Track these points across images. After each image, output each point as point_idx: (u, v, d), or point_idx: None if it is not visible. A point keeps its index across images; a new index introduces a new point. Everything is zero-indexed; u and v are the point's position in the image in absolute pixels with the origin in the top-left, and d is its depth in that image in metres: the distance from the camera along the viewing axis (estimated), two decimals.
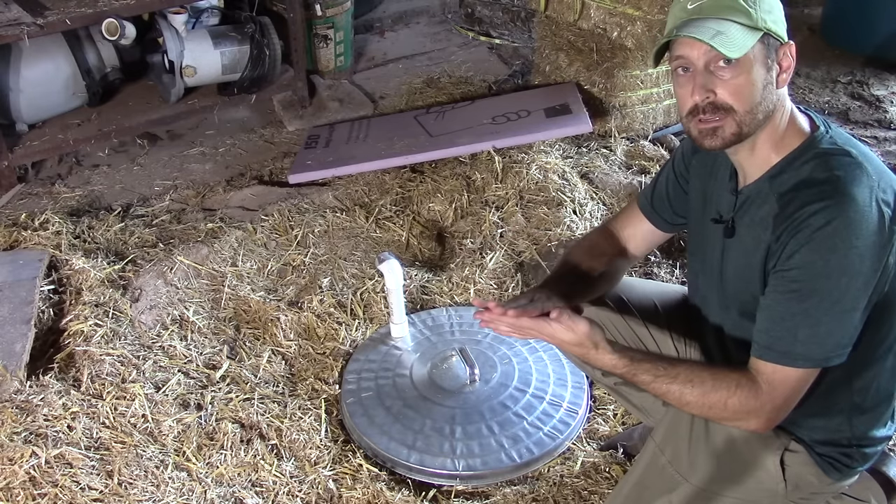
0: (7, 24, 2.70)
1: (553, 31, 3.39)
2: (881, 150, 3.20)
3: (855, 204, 1.20)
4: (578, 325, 1.31)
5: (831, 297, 1.21)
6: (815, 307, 1.22)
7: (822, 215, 1.20)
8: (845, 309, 1.22)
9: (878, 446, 1.43)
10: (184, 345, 2.22)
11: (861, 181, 1.22)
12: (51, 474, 1.80)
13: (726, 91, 1.26)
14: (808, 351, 1.24)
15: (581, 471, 1.88)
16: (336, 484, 1.85)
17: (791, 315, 1.24)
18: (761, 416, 1.28)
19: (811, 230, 1.21)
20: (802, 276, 1.22)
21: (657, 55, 1.34)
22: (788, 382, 1.26)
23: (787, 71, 1.30)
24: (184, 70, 3.16)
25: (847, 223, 1.19)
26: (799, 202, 1.23)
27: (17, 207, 2.88)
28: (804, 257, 1.22)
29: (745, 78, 1.25)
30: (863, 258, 1.20)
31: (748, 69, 1.25)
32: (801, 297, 1.23)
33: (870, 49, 3.85)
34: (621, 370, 1.34)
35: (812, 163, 1.27)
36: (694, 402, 1.30)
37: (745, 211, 1.36)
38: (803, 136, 1.31)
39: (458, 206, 2.77)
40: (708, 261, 1.48)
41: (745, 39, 1.23)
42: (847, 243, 1.19)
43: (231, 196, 2.92)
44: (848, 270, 1.20)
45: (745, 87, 1.25)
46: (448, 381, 2.09)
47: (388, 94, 3.69)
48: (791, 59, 1.30)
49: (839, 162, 1.25)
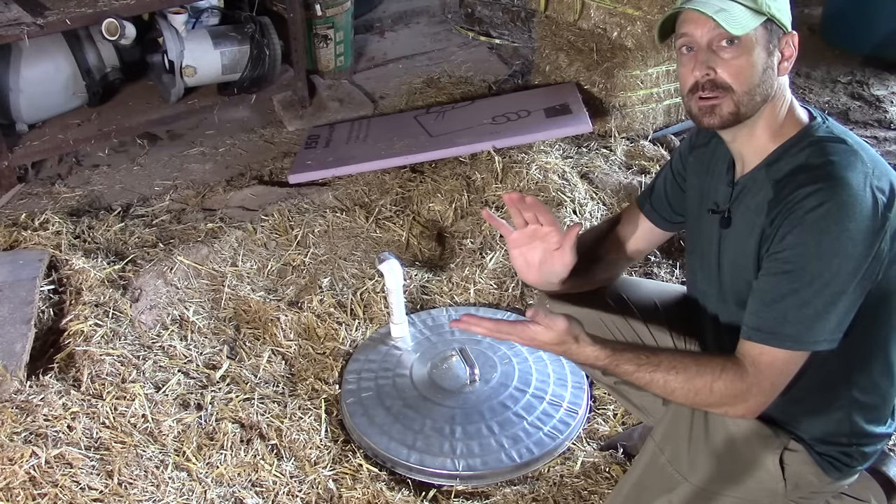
0: (7, 24, 2.71)
1: (553, 31, 3.40)
2: (881, 150, 3.20)
3: (849, 188, 1.21)
4: (556, 322, 1.28)
5: (822, 278, 1.21)
6: (804, 288, 1.22)
7: (815, 197, 1.21)
8: (835, 292, 1.22)
9: (878, 444, 1.43)
10: (184, 345, 2.22)
11: (856, 167, 1.23)
12: (51, 474, 1.80)
13: (726, 70, 1.28)
14: (796, 332, 1.24)
15: (581, 471, 1.88)
16: (336, 484, 1.85)
17: (781, 296, 1.24)
18: (748, 399, 1.27)
19: (803, 211, 1.22)
20: (793, 257, 1.23)
21: (662, 31, 1.37)
22: (775, 364, 1.26)
23: (789, 60, 1.32)
24: (184, 70, 3.16)
25: (840, 206, 1.20)
26: (793, 186, 1.25)
27: (17, 207, 2.88)
28: (796, 238, 1.23)
29: (746, 59, 1.28)
30: (855, 242, 1.20)
31: (749, 50, 1.28)
32: (791, 278, 1.23)
33: (870, 49, 3.85)
34: (603, 361, 1.32)
35: (808, 150, 1.29)
36: (679, 389, 1.30)
37: (742, 200, 1.37)
38: (800, 125, 1.33)
39: (458, 206, 2.77)
40: (705, 255, 1.48)
41: (747, 20, 1.26)
42: (840, 226, 1.20)
43: (231, 196, 2.92)
44: (839, 252, 1.20)
45: (745, 68, 1.28)
46: (448, 381, 2.09)
47: (388, 94, 3.69)
48: (793, 48, 1.32)
49: (834, 148, 1.27)
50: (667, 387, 1.31)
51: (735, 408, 1.29)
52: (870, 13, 3.81)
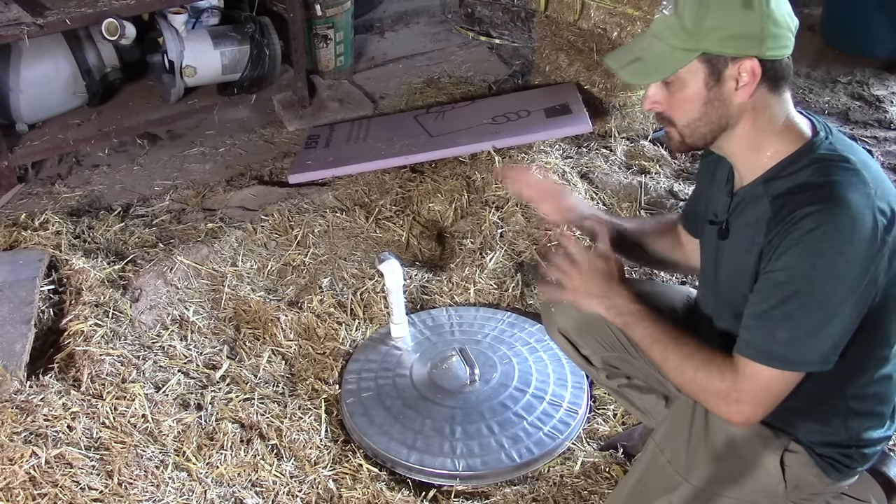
0: (7, 24, 2.70)
1: (553, 31, 3.40)
2: (881, 150, 3.20)
3: (848, 209, 1.18)
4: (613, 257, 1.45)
5: (814, 300, 1.20)
6: (796, 310, 1.22)
7: (812, 219, 1.19)
8: (827, 314, 1.21)
9: (878, 447, 1.43)
10: (184, 345, 2.22)
11: (857, 188, 1.21)
12: (51, 474, 1.80)
13: (667, 105, 1.31)
14: (784, 352, 1.23)
15: (581, 471, 1.88)
16: (336, 484, 1.85)
17: (772, 315, 1.24)
18: (728, 403, 1.29)
19: (801, 233, 1.20)
20: (787, 277, 1.22)
21: None
22: (759, 379, 1.26)
23: (749, 85, 1.25)
24: (184, 70, 3.16)
25: (837, 228, 1.18)
26: (793, 206, 1.23)
27: (17, 207, 2.88)
28: (791, 259, 1.21)
29: (682, 95, 1.28)
30: (850, 265, 1.19)
31: (682, 87, 1.27)
32: (783, 298, 1.22)
33: (869, 49, 3.85)
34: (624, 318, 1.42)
35: (809, 168, 1.26)
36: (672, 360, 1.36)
37: (740, 213, 1.36)
38: (802, 140, 1.30)
39: (458, 206, 2.77)
40: (706, 263, 1.49)
41: (672, 61, 1.25)
42: (835, 249, 1.18)
43: (231, 196, 2.92)
44: (833, 276, 1.19)
45: (682, 104, 1.29)
46: (448, 381, 2.09)
47: (388, 94, 3.69)
48: (751, 74, 1.24)
49: (836, 168, 1.24)
50: (664, 356, 1.37)
51: (717, 407, 1.31)
52: (869, 13, 3.80)
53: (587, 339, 1.71)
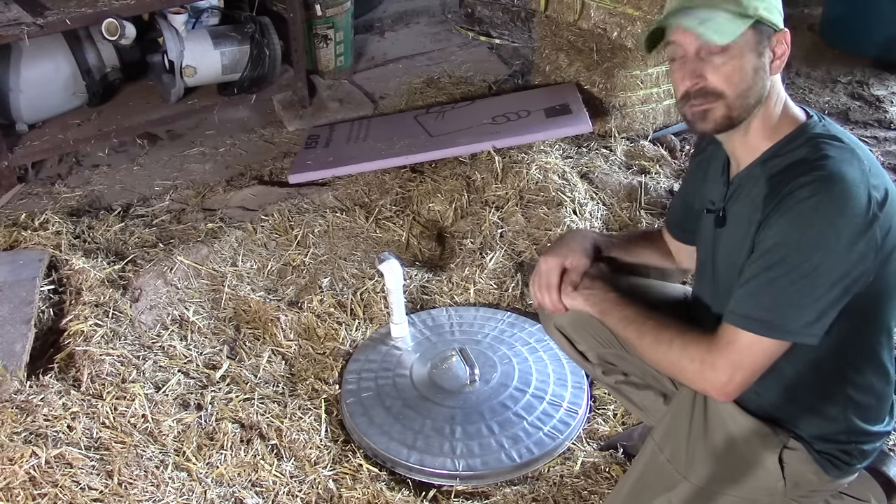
0: (7, 24, 2.71)
1: (553, 31, 3.40)
2: (881, 150, 3.20)
3: (843, 182, 1.20)
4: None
5: (800, 269, 1.21)
6: (782, 277, 1.23)
7: (808, 189, 1.21)
8: (813, 284, 1.22)
9: (877, 442, 1.43)
10: (184, 345, 2.22)
11: (852, 164, 1.23)
12: (51, 474, 1.80)
13: (717, 76, 1.29)
14: (765, 317, 1.24)
15: (581, 471, 1.88)
16: (336, 484, 1.85)
17: (757, 281, 1.25)
18: (705, 368, 1.30)
19: (794, 201, 1.22)
20: (776, 246, 1.23)
21: (650, 42, 1.38)
22: (736, 343, 1.27)
23: (781, 58, 1.32)
24: (184, 70, 3.16)
25: (832, 199, 1.20)
26: (789, 178, 1.25)
27: (17, 207, 2.88)
28: (782, 227, 1.23)
29: (736, 63, 1.28)
30: (839, 237, 1.20)
31: (738, 55, 1.28)
32: (770, 266, 1.24)
33: (869, 49, 3.85)
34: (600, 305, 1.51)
35: (805, 146, 1.29)
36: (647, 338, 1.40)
37: (737, 198, 1.38)
38: (796, 123, 1.33)
39: (458, 206, 2.77)
40: (704, 256, 1.50)
41: (734, 27, 1.26)
42: (827, 219, 1.20)
43: (231, 196, 2.92)
44: (822, 246, 1.20)
45: (735, 73, 1.29)
46: (448, 381, 2.09)
47: (388, 94, 3.69)
48: (786, 46, 1.31)
49: (831, 145, 1.27)
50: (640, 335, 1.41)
51: (693, 375, 1.32)
52: (869, 13, 3.81)
53: (583, 335, 1.71)
